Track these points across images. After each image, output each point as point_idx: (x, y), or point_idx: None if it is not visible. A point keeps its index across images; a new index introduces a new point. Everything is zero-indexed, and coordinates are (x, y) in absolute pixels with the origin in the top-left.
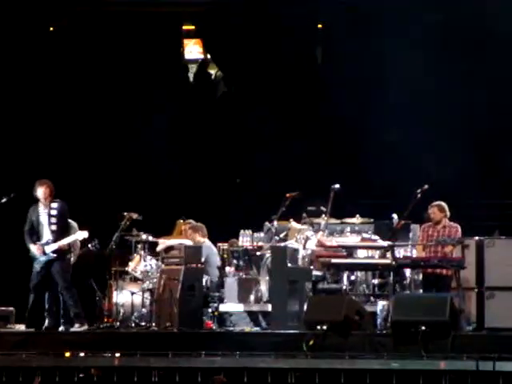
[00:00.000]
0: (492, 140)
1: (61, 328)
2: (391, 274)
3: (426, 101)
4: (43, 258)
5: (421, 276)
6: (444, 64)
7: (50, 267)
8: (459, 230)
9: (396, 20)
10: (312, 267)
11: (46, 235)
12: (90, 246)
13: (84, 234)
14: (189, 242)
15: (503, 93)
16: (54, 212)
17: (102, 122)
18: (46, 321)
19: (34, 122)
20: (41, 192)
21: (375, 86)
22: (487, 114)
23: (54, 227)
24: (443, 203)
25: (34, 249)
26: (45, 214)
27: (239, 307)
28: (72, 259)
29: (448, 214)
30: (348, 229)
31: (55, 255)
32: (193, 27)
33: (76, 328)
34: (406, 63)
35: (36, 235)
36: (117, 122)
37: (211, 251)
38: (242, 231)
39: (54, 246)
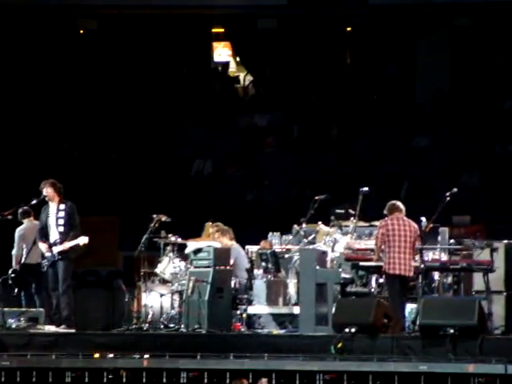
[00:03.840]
0: None
1: (49, 326)
2: (420, 276)
3: None
4: (50, 258)
5: (449, 279)
6: None
7: (55, 267)
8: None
9: None
10: (340, 270)
11: (53, 236)
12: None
13: (85, 240)
14: (218, 245)
15: None
16: (61, 214)
17: (132, 125)
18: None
19: (63, 124)
20: (45, 192)
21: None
22: None
23: (61, 228)
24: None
25: (42, 246)
26: (53, 215)
27: (267, 309)
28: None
29: (386, 212)
30: (376, 232)
31: (59, 256)
32: (222, 30)
33: (61, 329)
34: None
35: (45, 236)
36: (147, 125)
37: (239, 253)
38: (270, 234)
39: (60, 248)
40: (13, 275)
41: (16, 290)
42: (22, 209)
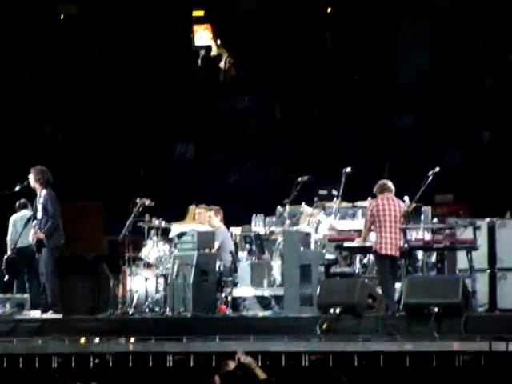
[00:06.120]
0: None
1: (34, 312)
2: (403, 256)
3: None
4: (32, 245)
5: (433, 258)
6: None
7: (41, 252)
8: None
9: None
10: (324, 251)
11: (36, 223)
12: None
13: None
14: (202, 228)
15: None
16: (41, 200)
17: (114, 108)
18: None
19: (46, 109)
20: (29, 179)
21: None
22: None
23: (39, 215)
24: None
25: (29, 235)
26: (36, 202)
27: (252, 292)
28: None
29: (376, 191)
30: (360, 212)
31: (37, 243)
32: (203, 13)
33: (49, 315)
34: None
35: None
36: (127, 109)
37: (226, 236)
38: (254, 216)
39: (32, 235)
40: (7, 261)
41: (7, 277)
42: (18, 202)
